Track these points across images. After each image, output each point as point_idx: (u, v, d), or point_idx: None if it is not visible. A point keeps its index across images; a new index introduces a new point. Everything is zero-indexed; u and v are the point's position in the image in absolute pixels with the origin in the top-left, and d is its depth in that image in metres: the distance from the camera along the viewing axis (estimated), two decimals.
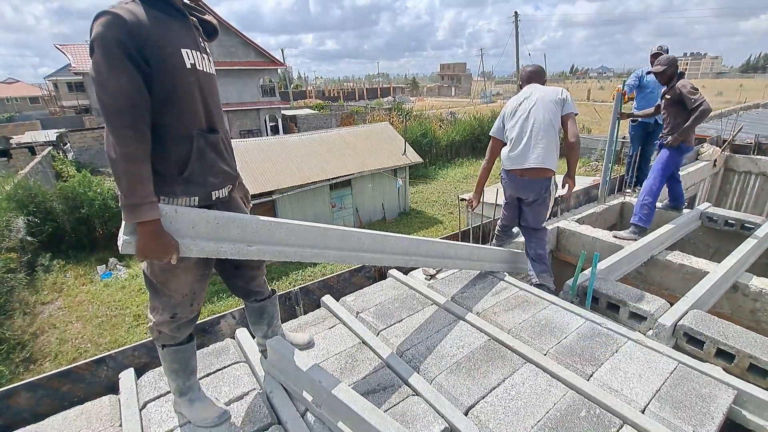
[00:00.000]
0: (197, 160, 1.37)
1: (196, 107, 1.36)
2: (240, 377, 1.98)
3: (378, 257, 2.01)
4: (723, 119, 7.48)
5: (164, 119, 1.29)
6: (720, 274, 2.71)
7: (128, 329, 8.49)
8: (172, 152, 1.34)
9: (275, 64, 24.36)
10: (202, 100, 1.39)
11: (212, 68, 1.50)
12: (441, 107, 34.70)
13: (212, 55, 1.53)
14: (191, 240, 1.43)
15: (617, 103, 4.24)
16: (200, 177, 1.41)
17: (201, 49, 1.42)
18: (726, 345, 2.02)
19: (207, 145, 1.41)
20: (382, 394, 1.82)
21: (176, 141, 1.34)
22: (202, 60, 1.41)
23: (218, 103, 1.53)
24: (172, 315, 1.57)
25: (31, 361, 7.51)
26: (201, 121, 1.38)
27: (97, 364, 2.08)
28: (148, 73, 1.22)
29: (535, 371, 1.89)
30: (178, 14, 1.34)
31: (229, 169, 1.53)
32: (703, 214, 3.96)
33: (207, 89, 1.42)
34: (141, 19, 1.20)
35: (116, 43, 1.15)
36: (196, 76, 1.36)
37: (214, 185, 1.47)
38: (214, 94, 1.50)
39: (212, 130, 1.44)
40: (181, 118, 1.33)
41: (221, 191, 1.52)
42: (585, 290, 2.56)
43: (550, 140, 2.61)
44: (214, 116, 1.46)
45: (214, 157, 1.44)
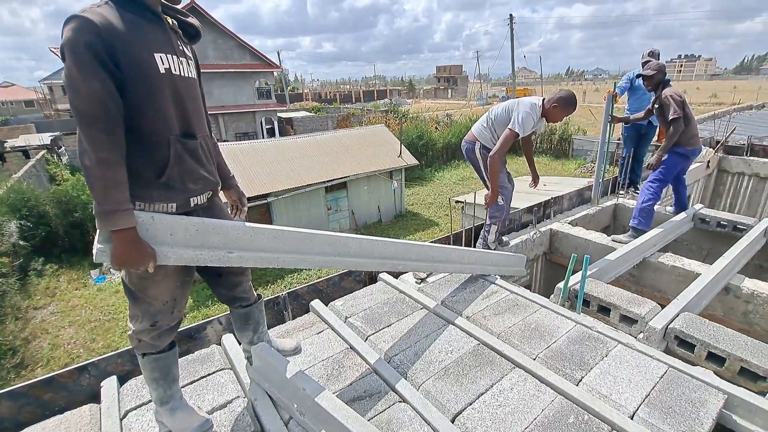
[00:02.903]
0: (175, 165, 1.35)
1: (170, 112, 1.32)
2: (224, 385, 1.94)
3: (365, 262, 1.98)
4: (716, 121, 7.51)
5: (139, 124, 1.27)
6: (711, 276, 2.69)
7: (121, 334, 8.41)
8: (148, 157, 1.31)
9: (271, 66, 24.35)
10: (178, 105, 1.36)
11: (192, 72, 1.46)
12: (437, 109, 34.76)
13: (192, 59, 1.50)
14: (169, 247, 1.40)
15: (608, 104, 4.24)
16: (179, 182, 1.38)
17: (179, 53, 1.38)
18: (717, 348, 2.00)
19: (185, 150, 1.38)
20: (369, 401, 1.78)
21: (152, 146, 1.31)
22: (180, 64, 1.38)
23: (199, 108, 1.50)
24: (153, 323, 1.54)
25: (22, 367, 7.43)
26: (176, 127, 1.35)
27: (80, 372, 2.04)
28: (121, 77, 1.20)
29: (523, 376, 1.87)
30: (153, 17, 1.31)
31: (208, 175, 1.50)
32: (695, 215, 3.96)
33: (185, 94, 1.39)
34: (112, 23, 1.18)
35: (87, 47, 1.12)
36: (171, 81, 1.32)
37: (194, 191, 1.44)
38: (194, 98, 1.46)
39: (190, 136, 1.41)
40: (156, 123, 1.30)
41: (200, 197, 1.49)
42: (576, 293, 2.53)
43: (484, 122, 3.18)
44: (193, 121, 1.42)
45: (193, 162, 1.41)
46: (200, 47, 21.71)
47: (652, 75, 3.62)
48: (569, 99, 2.89)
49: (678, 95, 3.53)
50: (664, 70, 3.66)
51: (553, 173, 16.21)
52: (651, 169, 3.70)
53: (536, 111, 2.94)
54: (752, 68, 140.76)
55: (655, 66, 3.64)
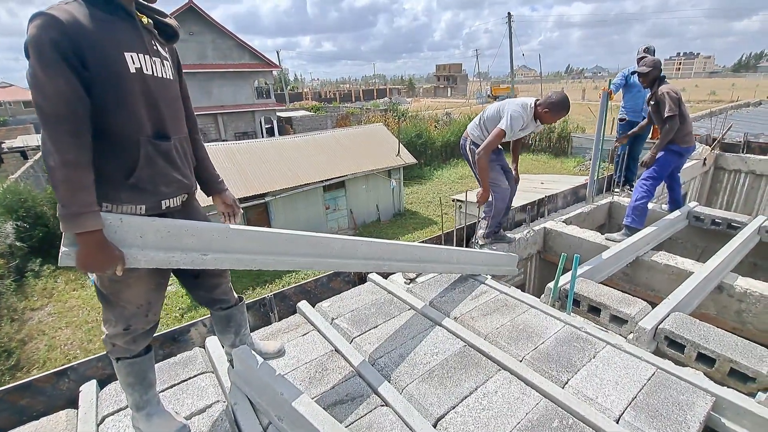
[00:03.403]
0: (145, 167, 1.31)
1: (140, 113, 1.28)
2: (205, 389, 1.91)
3: (348, 263, 1.95)
4: (713, 118, 7.46)
5: (107, 124, 1.23)
6: (704, 275, 2.65)
7: None
8: (117, 158, 1.28)
9: (270, 66, 24.30)
10: (150, 106, 1.32)
11: (169, 73, 1.42)
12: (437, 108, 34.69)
13: (170, 60, 1.45)
14: (139, 250, 1.36)
15: (603, 102, 4.20)
16: (149, 184, 1.34)
17: (153, 52, 1.34)
18: (706, 349, 1.96)
19: (157, 152, 1.33)
20: (350, 405, 1.75)
21: (122, 146, 1.28)
22: (153, 64, 1.33)
23: (176, 109, 1.45)
24: (126, 327, 1.50)
25: (18, 368, 7.40)
26: (147, 127, 1.31)
27: (58, 377, 2.00)
28: (88, 76, 1.16)
29: (509, 379, 1.83)
30: (125, 16, 1.28)
31: (183, 178, 1.45)
32: (690, 213, 3.91)
33: (158, 95, 1.35)
34: (79, 20, 1.14)
35: (51, 45, 1.08)
36: (142, 81, 1.28)
37: (166, 194, 1.40)
38: (170, 99, 1.41)
39: (163, 137, 1.37)
40: (125, 123, 1.26)
41: (173, 200, 1.45)
42: (567, 293, 2.49)
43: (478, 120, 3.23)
44: (167, 122, 1.38)
45: (165, 164, 1.37)
46: (199, 47, 21.70)
47: (647, 72, 3.58)
48: (561, 103, 2.85)
49: (674, 92, 3.49)
50: (659, 66, 3.62)
51: (552, 171, 16.16)
52: (645, 167, 3.66)
53: (527, 112, 2.92)
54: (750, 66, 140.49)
55: (650, 62, 3.60)
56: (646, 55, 4.36)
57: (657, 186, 3.61)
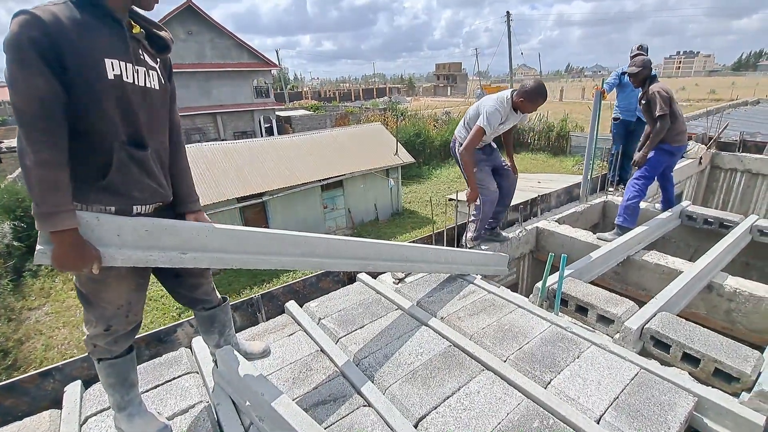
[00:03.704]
0: (118, 172, 1.30)
1: (114, 119, 1.27)
2: (188, 389, 1.91)
3: (332, 262, 1.94)
4: (710, 117, 7.44)
5: (82, 126, 1.23)
6: (693, 275, 2.64)
7: None
8: (90, 159, 1.28)
9: (269, 65, 24.28)
10: (126, 114, 1.30)
11: (155, 83, 1.40)
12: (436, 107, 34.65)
13: (158, 71, 1.42)
14: (117, 249, 1.36)
15: (596, 101, 4.19)
16: (121, 188, 1.33)
17: (138, 61, 1.33)
18: (691, 349, 1.95)
19: (131, 159, 1.32)
20: (332, 406, 1.75)
21: (95, 149, 1.27)
22: (136, 73, 1.32)
23: (157, 119, 1.43)
24: (107, 327, 1.50)
25: (15, 368, 7.41)
26: (121, 134, 1.30)
27: (43, 377, 2.00)
28: (65, 78, 1.16)
29: (492, 379, 1.83)
30: (113, 23, 1.27)
31: (158, 187, 1.43)
32: (682, 212, 3.90)
33: (137, 103, 1.33)
34: (62, 22, 1.14)
35: (30, 44, 1.08)
36: (120, 88, 1.27)
37: (138, 199, 1.39)
38: (151, 109, 1.40)
39: (139, 146, 1.35)
40: (99, 127, 1.26)
41: (146, 207, 1.43)
42: (555, 293, 2.49)
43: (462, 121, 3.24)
44: (143, 131, 1.36)
45: (139, 172, 1.35)
46: (198, 47, 21.65)
47: (637, 72, 3.56)
48: (535, 90, 2.83)
49: (665, 91, 3.48)
50: (649, 66, 3.61)
51: (551, 170, 16.14)
52: (636, 167, 3.65)
53: (504, 106, 2.92)
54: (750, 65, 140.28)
55: (639, 62, 3.58)
56: (640, 53, 4.35)
57: (649, 185, 3.60)
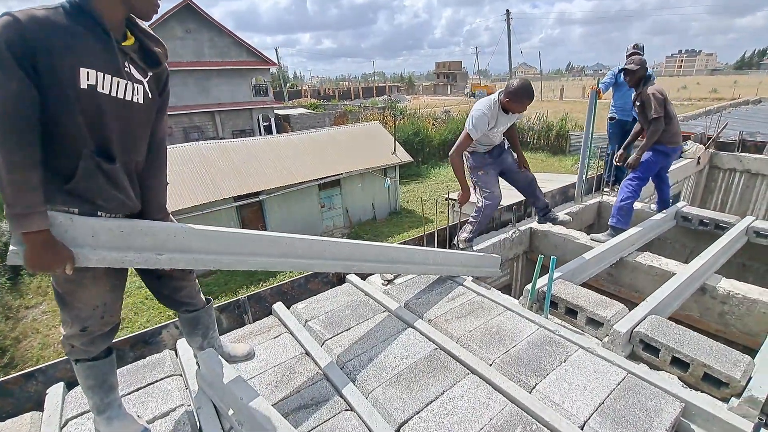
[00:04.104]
0: (83, 180, 1.27)
1: (82, 129, 1.25)
2: (171, 392, 1.88)
3: (314, 263, 1.92)
4: (709, 116, 7.40)
5: (52, 130, 1.22)
6: (685, 277, 2.61)
7: None
8: (56, 163, 1.26)
9: (268, 63, 24.23)
10: (96, 125, 1.28)
11: (139, 97, 1.37)
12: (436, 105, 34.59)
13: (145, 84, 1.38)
14: (91, 249, 1.34)
15: (592, 101, 4.16)
16: (86, 194, 1.31)
17: (123, 74, 1.31)
18: (680, 353, 1.93)
19: (99, 170, 1.29)
20: (314, 409, 1.72)
21: (63, 154, 1.26)
22: (117, 84, 1.29)
23: (133, 133, 1.40)
24: (83, 328, 1.48)
25: (11, 366, 7.41)
26: (90, 144, 1.27)
27: (26, 378, 1.99)
28: (38, 82, 1.15)
29: (476, 383, 1.80)
30: (100, 33, 1.24)
31: (126, 199, 1.40)
32: (678, 213, 3.87)
33: (111, 115, 1.30)
34: (42, 26, 1.13)
35: (6, 45, 1.09)
36: (92, 99, 1.25)
37: (103, 207, 1.36)
38: (129, 122, 1.36)
39: (108, 158, 1.32)
40: (67, 134, 1.24)
41: (111, 215, 1.41)
42: (545, 295, 2.46)
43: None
44: (114, 144, 1.33)
45: (106, 182, 1.32)
46: (196, 45, 21.56)
47: (635, 69, 3.52)
48: (517, 90, 2.80)
49: (660, 93, 3.45)
50: (646, 66, 3.58)
51: (550, 170, 16.11)
52: (629, 169, 3.62)
53: (491, 109, 2.91)
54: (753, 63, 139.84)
55: (638, 61, 3.55)
56: (636, 52, 4.32)
57: (642, 186, 3.57)
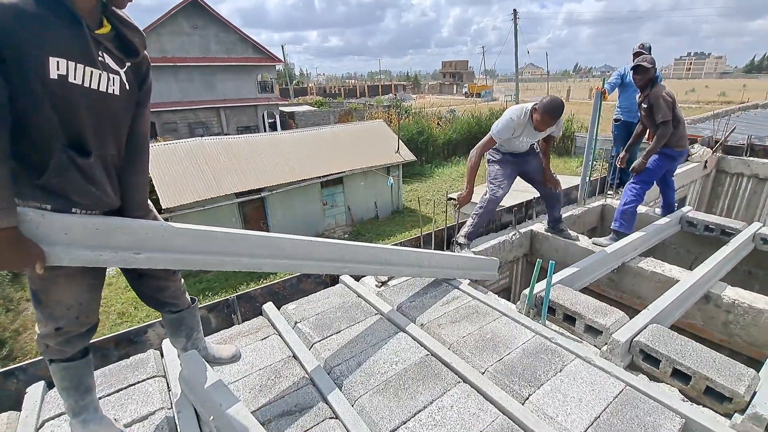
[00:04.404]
0: (56, 175, 1.21)
1: (53, 121, 1.18)
2: (151, 394, 1.82)
3: (301, 264, 1.86)
4: (717, 119, 7.26)
5: (22, 122, 1.15)
6: (689, 285, 2.53)
7: (111, 327, 8.39)
8: (27, 156, 1.19)
9: (273, 60, 24.19)
10: (69, 117, 1.21)
11: (114, 88, 1.30)
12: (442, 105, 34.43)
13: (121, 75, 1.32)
14: (64, 248, 1.28)
15: (597, 102, 4.06)
16: (59, 190, 1.24)
17: (97, 64, 1.24)
18: (682, 365, 1.85)
19: (72, 164, 1.22)
20: (297, 416, 1.66)
21: (34, 148, 1.19)
22: (90, 75, 1.23)
23: (109, 126, 1.33)
24: (57, 328, 1.43)
25: (11, 359, 7.42)
26: (62, 137, 1.21)
27: (5, 377, 1.94)
28: (6, 73, 1.09)
29: (467, 392, 1.73)
30: (71, 20, 1.17)
31: (102, 195, 1.34)
32: (683, 218, 3.77)
33: (86, 108, 1.23)
34: (8, 14, 1.06)
35: None
36: (64, 90, 1.18)
37: (78, 204, 1.29)
38: (104, 115, 1.30)
39: (82, 152, 1.26)
40: (37, 127, 1.17)
41: (85, 212, 1.35)
42: (542, 300, 2.38)
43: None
44: (89, 137, 1.27)
45: (80, 178, 1.26)
46: (202, 41, 21.50)
47: (650, 68, 3.39)
48: (544, 105, 2.75)
49: (669, 96, 3.35)
50: (655, 66, 3.47)
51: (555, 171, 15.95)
52: (634, 173, 3.52)
53: (520, 118, 2.89)
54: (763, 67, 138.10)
55: (651, 60, 3.42)
56: (642, 51, 4.21)
57: (647, 190, 3.48)
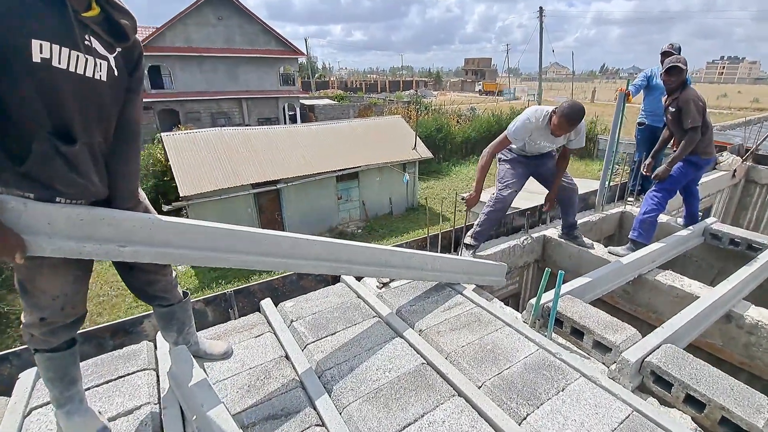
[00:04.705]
0: (38, 163, 1.17)
1: (36, 107, 1.14)
2: (140, 387, 1.80)
3: (297, 263, 1.79)
4: (749, 127, 6.89)
5: (2, 108, 1.11)
6: (709, 302, 2.36)
7: (127, 310, 8.58)
8: (9, 143, 1.15)
9: (295, 53, 24.26)
10: (53, 103, 1.17)
11: (101, 74, 1.25)
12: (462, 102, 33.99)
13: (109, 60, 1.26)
14: (46, 238, 1.25)
15: (619, 104, 3.87)
16: (43, 179, 1.20)
17: (82, 48, 1.19)
18: (696, 391, 1.71)
19: (56, 153, 1.18)
20: (282, 421, 1.60)
21: (16, 134, 1.15)
22: (76, 59, 1.18)
23: (97, 113, 1.28)
24: (41, 318, 1.40)
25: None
26: (46, 124, 1.17)
27: (0, 362, 1.94)
28: None
29: (461, 407, 1.64)
30: (56, 2, 1.13)
31: (88, 184, 1.29)
32: (706, 230, 3.57)
33: (72, 93, 1.19)
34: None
35: None
36: (48, 74, 1.13)
37: (62, 193, 1.25)
38: (91, 101, 1.25)
39: (68, 139, 1.21)
40: (20, 113, 1.13)
41: (71, 202, 1.30)
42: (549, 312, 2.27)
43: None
44: (75, 124, 1.22)
45: (65, 166, 1.21)
46: (227, 32, 21.68)
47: (684, 69, 3.16)
48: (563, 108, 2.62)
49: (700, 100, 3.14)
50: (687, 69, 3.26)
51: (575, 174, 15.49)
52: (657, 180, 3.33)
53: (538, 119, 2.77)
54: None
55: (684, 61, 3.20)
56: (671, 51, 3.98)
57: (669, 199, 3.29)
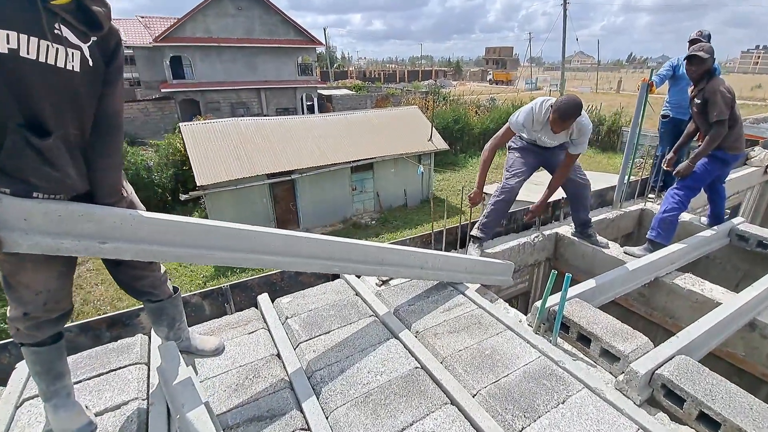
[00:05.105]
0: (11, 157, 1.13)
1: (5, 98, 1.10)
2: (129, 382, 1.78)
3: (287, 261, 1.73)
4: None
5: None
6: (731, 310, 2.20)
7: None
8: None
9: (314, 43, 24.18)
10: (22, 95, 1.12)
11: (73, 64, 1.19)
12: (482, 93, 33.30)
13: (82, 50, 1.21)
14: (22, 234, 1.22)
15: (642, 94, 3.64)
16: (17, 173, 1.17)
17: (49, 37, 1.14)
18: (710, 409, 1.59)
19: (28, 147, 1.14)
20: (267, 423, 1.56)
21: None
22: (45, 49, 1.13)
23: (70, 105, 1.23)
24: (24, 313, 1.38)
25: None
26: (16, 116, 1.13)
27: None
28: None
29: (453, 417, 1.56)
30: None
31: (64, 178, 1.25)
32: (732, 231, 3.35)
33: (42, 84, 1.14)
34: None
35: None
36: (15, 64, 1.09)
37: (38, 188, 1.21)
38: (63, 92, 1.20)
39: (40, 132, 1.17)
40: None
41: (49, 197, 1.26)
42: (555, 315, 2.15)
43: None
44: (47, 116, 1.17)
45: (38, 160, 1.17)
46: (247, 22, 21.78)
47: (706, 58, 2.97)
48: (558, 103, 2.48)
49: (728, 92, 2.92)
50: (714, 57, 3.04)
51: (597, 168, 15.05)
52: (679, 177, 3.13)
53: (539, 110, 2.64)
54: None
55: (708, 48, 2.99)
56: (699, 39, 3.73)
57: (692, 197, 3.09)
